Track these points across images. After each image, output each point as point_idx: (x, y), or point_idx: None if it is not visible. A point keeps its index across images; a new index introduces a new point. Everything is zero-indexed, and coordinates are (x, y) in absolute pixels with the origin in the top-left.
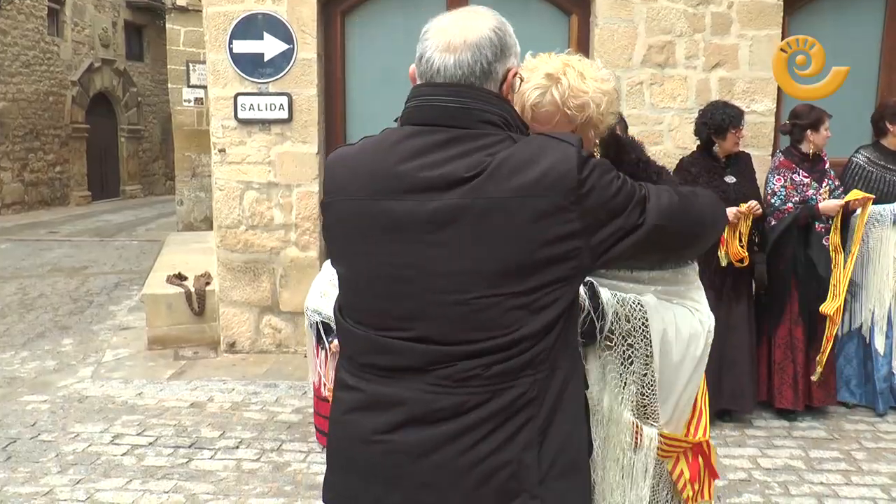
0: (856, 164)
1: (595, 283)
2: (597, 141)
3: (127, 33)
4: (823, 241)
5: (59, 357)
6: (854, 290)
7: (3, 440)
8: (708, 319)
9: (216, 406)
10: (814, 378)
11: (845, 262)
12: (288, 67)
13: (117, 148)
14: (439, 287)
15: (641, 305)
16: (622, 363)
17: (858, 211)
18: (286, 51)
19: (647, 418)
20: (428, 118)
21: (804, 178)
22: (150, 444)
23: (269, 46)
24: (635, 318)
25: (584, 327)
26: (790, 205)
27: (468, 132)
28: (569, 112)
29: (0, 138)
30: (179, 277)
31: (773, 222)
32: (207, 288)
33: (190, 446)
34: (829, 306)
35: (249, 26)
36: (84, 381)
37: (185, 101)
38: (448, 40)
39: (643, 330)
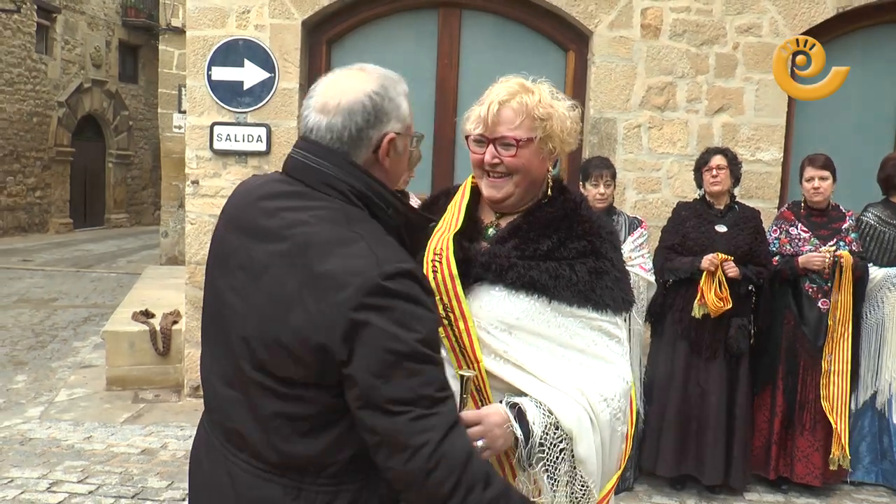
0: (866, 223)
1: (521, 403)
2: (550, 168)
3: (121, 53)
4: (820, 305)
5: (9, 395)
6: (865, 359)
7: None
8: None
9: (168, 454)
10: (832, 467)
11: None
12: (268, 97)
13: (104, 174)
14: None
15: (550, 412)
16: (547, 471)
17: (875, 272)
18: (267, 79)
19: None
20: (289, 168)
21: (802, 233)
22: (90, 492)
23: (250, 74)
24: (549, 431)
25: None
26: (776, 259)
27: (309, 191)
28: (535, 119)
29: None
30: (146, 314)
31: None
32: (174, 327)
33: (133, 497)
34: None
35: (230, 53)
36: (30, 422)
37: (175, 126)
38: (325, 101)
39: (556, 434)
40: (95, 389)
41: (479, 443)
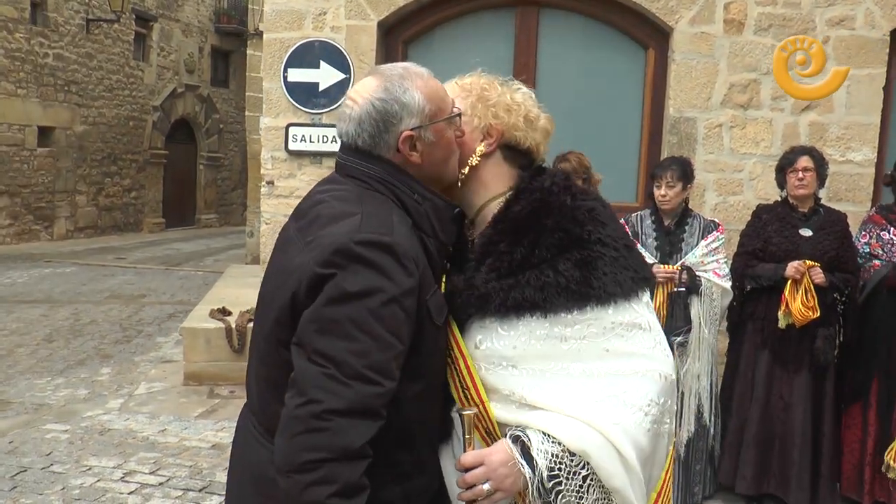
0: None
1: (524, 435)
2: (479, 147)
3: (213, 59)
4: None
5: (93, 386)
6: None
7: (15, 468)
8: (660, 366)
9: None
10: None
11: None
12: (343, 98)
13: (195, 175)
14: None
15: (555, 438)
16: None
17: None
18: (342, 81)
19: None
20: (336, 167)
21: (895, 237)
22: (161, 484)
23: (325, 76)
24: (563, 459)
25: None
26: (877, 262)
27: (339, 179)
28: (469, 93)
29: (78, 161)
30: (223, 312)
31: (862, 283)
32: (249, 325)
33: (201, 490)
34: None
35: (305, 54)
36: (110, 413)
37: (260, 129)
38: (342, 111)
39: (573, 461)
40: (173, 384)
41: (486, 486)
